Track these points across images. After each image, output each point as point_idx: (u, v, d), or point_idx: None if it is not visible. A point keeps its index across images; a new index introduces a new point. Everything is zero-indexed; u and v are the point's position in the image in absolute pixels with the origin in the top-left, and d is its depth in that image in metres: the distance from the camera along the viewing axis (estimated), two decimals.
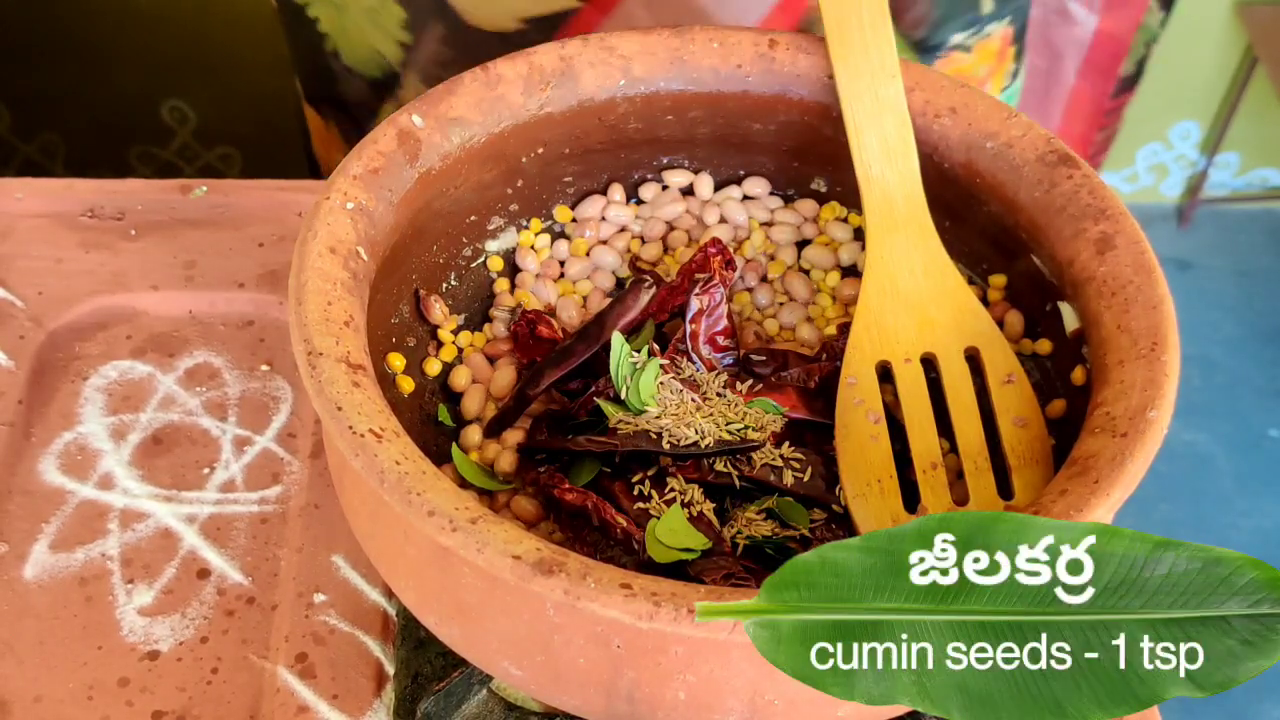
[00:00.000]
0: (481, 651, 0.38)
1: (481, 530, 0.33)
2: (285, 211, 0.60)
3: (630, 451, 0.42)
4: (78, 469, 0.52)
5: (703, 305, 0.45)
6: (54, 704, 0.45)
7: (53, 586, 0.48)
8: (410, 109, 0.44)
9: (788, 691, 0.35)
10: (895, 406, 0.43)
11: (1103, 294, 0.41)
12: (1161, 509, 1.38)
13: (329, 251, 0.39)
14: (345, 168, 0.42)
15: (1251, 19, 1.50)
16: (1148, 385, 0.37)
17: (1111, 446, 0.36)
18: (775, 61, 0.47)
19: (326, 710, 0.45)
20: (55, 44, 1.27)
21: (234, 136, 1.38)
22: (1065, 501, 0.35)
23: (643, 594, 0.32)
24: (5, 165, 1.35)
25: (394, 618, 0.48)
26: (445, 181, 0.45)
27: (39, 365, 0.55)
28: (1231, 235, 1.70)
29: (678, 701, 0.35)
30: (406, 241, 0.44)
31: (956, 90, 0.46)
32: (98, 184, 0.61)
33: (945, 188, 0.46)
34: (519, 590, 0.33)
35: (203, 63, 1.29)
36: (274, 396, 0.55)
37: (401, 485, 0.34)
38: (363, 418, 0.35)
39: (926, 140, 0.46)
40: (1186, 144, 1.66)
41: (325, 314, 0.38)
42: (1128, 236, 0.41)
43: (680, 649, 0.34)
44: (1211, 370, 1.53)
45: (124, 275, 0.57)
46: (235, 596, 0.48)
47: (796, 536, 0.41)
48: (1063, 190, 0.43)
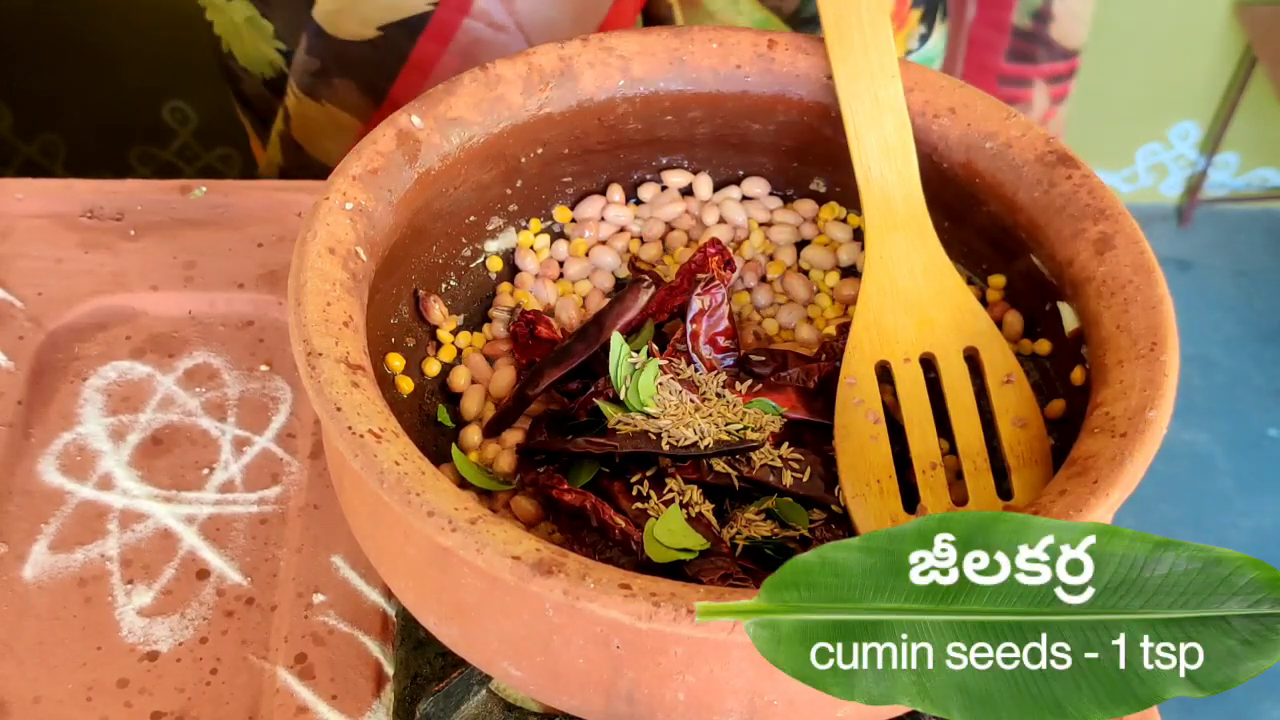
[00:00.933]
0: (481, 652, 0.38)
1: (481, 530, 0.33)
2: (285, 212, 0.60)
3: (629, 452, 0.42)
4: (77, 469, 0.52)
5: (704, 305, 0.45)
6: (53, 704, 0.45)
7: (52, 587, 0.48)
8: (409, 109, 0.44)
9: (787, 691, 0.35)
10: (894, 407, 0.43)
11: (1102, 294, 0.41)
12: (1161, 509, 1.38)
13: (328, 252, 0.39)
14: (345, 168, 0.42)
15: (1251, 19, 1.50)
16: (1147, 385, 0.37)
17: (1111, 446, 0.36)
18: (774, 62, 0.47)
19: (326, 711, 0.45)
20: (56, 44, 1.27)
21: (234, 137, 1.37)
22: (1065, 501, 0.35)
23: (642, 594, 0.32)
24: (5, 165, 1.35)
25: (393, 618, 0.48)
26: (444, 182, 0.45)
27: (38, 366, 0.55)
28: (1231, 235, 1.70)
29: (677, 702, 0.35)
30: (405, 242, 0.44)
31: (956, 90, 0.46)
32: (97, 184, 0.61)
33: (944, 188, 0.46)
34: (518, 590, 0.33)
35: (203, 63, 1.29)
36: (273, 397, 0.55)
37: (401, 485, 0.34)
38: (362, 418, 0.35)
39: (925, 140, 0.46)
40: (1186, 144, 1.66)
41: (324, 314, 0.38)
42: (1127, 236, 0.41)
43: (680, 649, 0.34)
44: (1211, 370, 1.53)
45: (124, 276, 0.57)
46: (234, 597, 0.48)
47: (796, 537, 0.41)
48: (1062, 190, 0.43)
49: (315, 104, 0.68)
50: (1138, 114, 1.63)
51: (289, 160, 0.72)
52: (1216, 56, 1.56)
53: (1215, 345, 1.56)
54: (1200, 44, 1.55)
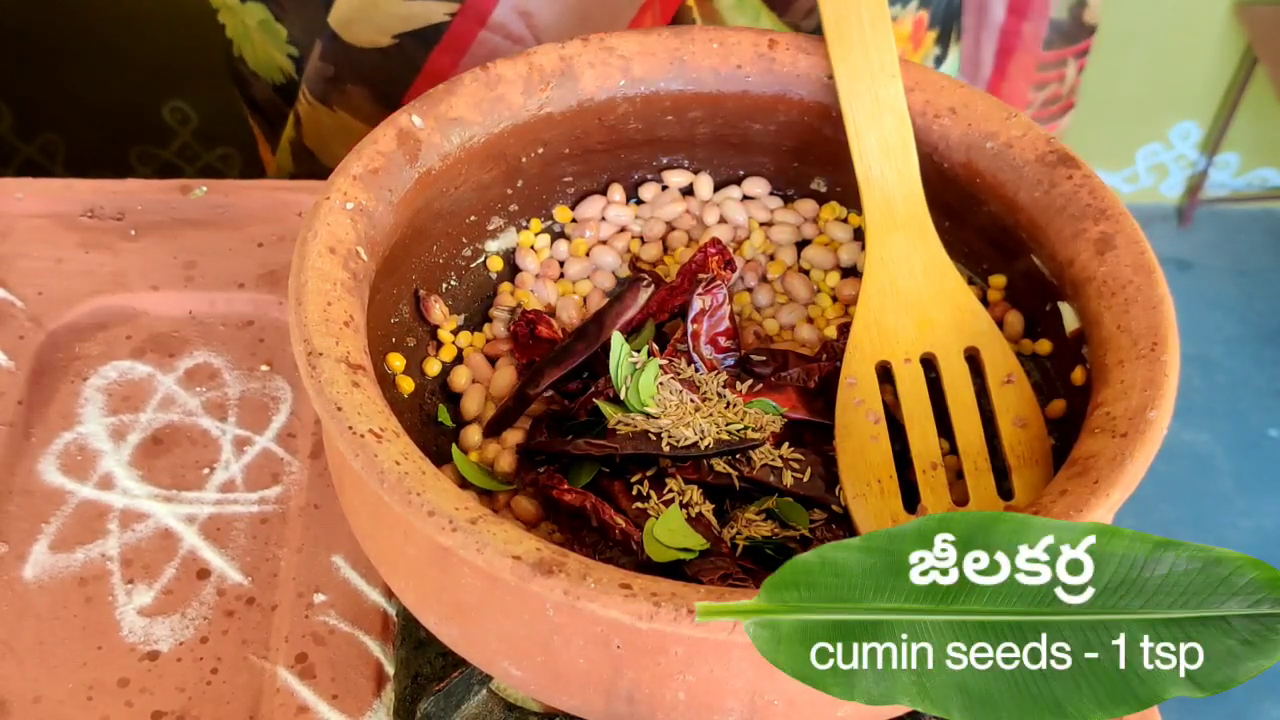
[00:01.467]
0: (481, 652, 0.38)
1: (481, 530, 0.33)
2: (285, 211, 0.60)
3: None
4: (77, 469, 0.52)
5: (705, 305, 0.45)
6: (53, 704, 0.45)
7: (52, 587, 0.48)
8: (410, 109, 0.44)
9: (787, 691, 0.35)
10: (895, 406, 0.43)
11: (1103, 294, 0.41)
12: (1161, 509, 1.38)
13: (329, 251, 0.39)
14: (345, 168, 0.42)
15: (1251, 19, 1.50)
16: (1148, 385, 0.37)
17: (1111, 447, 0.36)
18: (775, 62, 0.47)
19: (326, 710, 0.45)
20: (56, 44, 1.27)
21: (234, 137, 1.38)
22: (1065, 501, 0.35)
23: (643, 594, 0.32)
24: (5, 165, 1.36)
25: (394, 618, 0.48)
26: (445, 182, 0.45)
27: (39, 365, 0.55)
28: (1232, 235, 1.70)
29: (677, 702, 0.35)
30: (406, 241, 0.44)
31: (957, 90, 0.46)
32: (98, 184, 0.61)
33: (945, 188, 0.46)
34: (519, 590, 0.33)
35: (203, 63, 1.29)
36: (274, 397, 0.55)
37: (402, 485, 0.34)
38: (363, 418, 0.35)
39: (926, 140, 0.46)
40: (1186, 144, 1.66)
41: (325, 314, 0.38)
42: (1127, 236, 0.41)
43: (680, 649, 0.34)
44: (1211, 370, 1.53)
45: (124, 275, 0.57)
46: (235, 597, 0.48)
47: (796, 537, 0.41)
48: (1062, 190, 0.43)
49: (327, 110, 0.68)
50: (1138, 114, 1.63)
51: (300, 167, 0.72)
52: (1217, 56, 1.56)
53: (1216, 345, 1.56)
54: (1201, 44, 1.55)
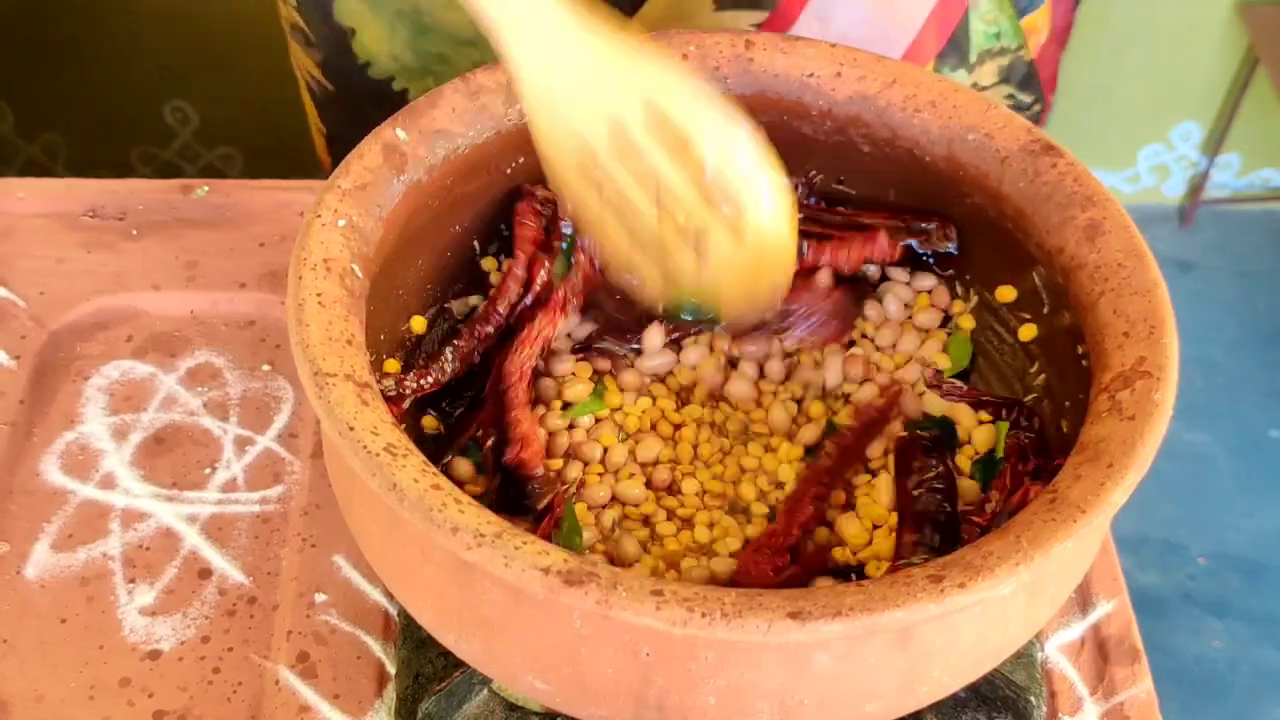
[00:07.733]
0: (505, 667, 0.37)
1: (507, 544, 0.32)
2: (286, 211, 0.60)
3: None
4: (79, 469, 0.52)
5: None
6: (55, 704, 0.45)
7: (54, 586, 0.48)
8: (393, 123, 0.43)
9: (818, 690, 0.34)
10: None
11: (1095, 280, 0.41)
12: (1163, 509, 1.38)
13: (325, 270, 0.39)
14: (333, 184, 0.41)
15: (1252, 19, 1.50)
16: (1150, 368, 0.37)
17: (1121, 430, 0.36)
18: (752, 63, 0.47)
19: (328, 710, 0.45)
20: (57, 44, 1.27)
21: (235, 137, 1.38)
22: (1082, 486, 0.35)
23: (675, 600, 0.31)
24: (7, 165, 1.36)
25: (395, 617, 0.48)
26: (432, 193, 0.45)
27: (40, 365, 0.55)
28: (1233, 236, 1.69)
29: (708, 707, 0.34)
30: (395, 255, 0.44)
31: (935, 84, 0.46)
32: (99, 184, 0.61)
33: (928, 182, 0.47)
34: (545, 603, 0.33)
35: (205, 63, 1.29)
36: (275, 396, 0.55)
37: (423, 503, 0.33)
38: (377, 437, 0.35)
39: (907, 135, 0.46)
40: (1188, 145, 1.66)
41: (328, 333, 0.37)
42: (1116, 222, 0.42)
43: (710, 654, 0.34)
44: (1213, 371, 1.53)
45: (125, 275, 0.57)
46: (236, 596, 0.48)
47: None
48: (1047, 179, 0.43)
49: None
50: (1140, 114, 1.63)
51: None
52: (1219, 57, 1.56)
53: (1217, 346, 1.56)
54: (1202, 44, 1.55)
